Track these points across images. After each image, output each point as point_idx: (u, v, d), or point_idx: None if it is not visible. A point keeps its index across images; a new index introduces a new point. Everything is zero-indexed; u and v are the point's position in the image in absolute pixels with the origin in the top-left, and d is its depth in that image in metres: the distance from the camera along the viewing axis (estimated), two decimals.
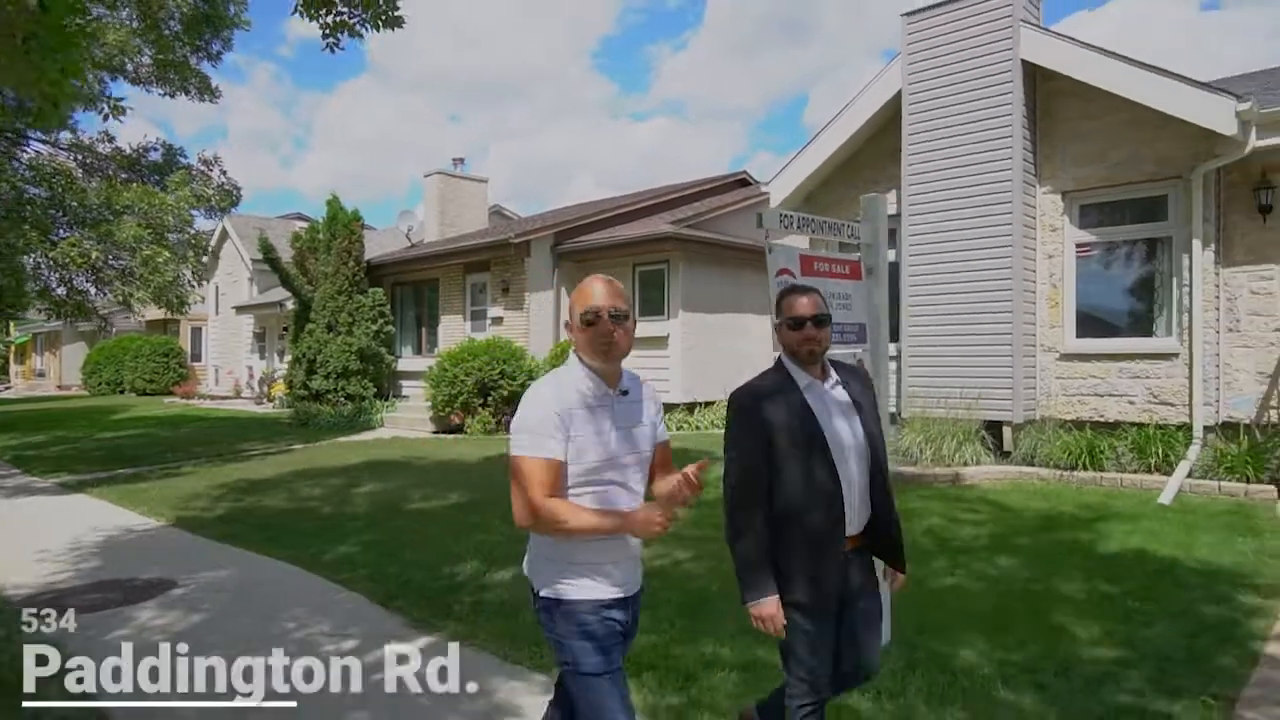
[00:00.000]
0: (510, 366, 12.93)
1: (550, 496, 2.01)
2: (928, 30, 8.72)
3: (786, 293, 2.44)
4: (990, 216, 8.25)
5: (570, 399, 2.06)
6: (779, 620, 2.25)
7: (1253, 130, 7.03)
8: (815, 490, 2.27)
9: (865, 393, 2.46)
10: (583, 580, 2.08)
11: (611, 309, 2.09)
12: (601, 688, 2.05)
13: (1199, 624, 3.90)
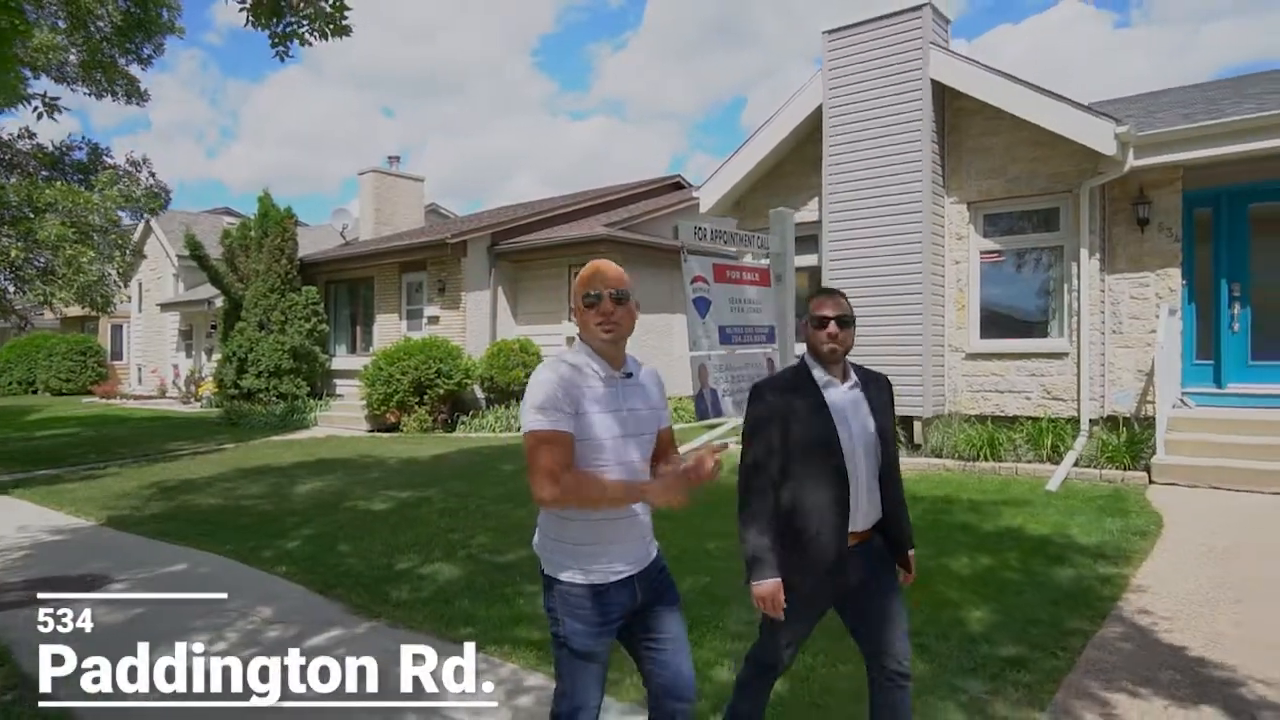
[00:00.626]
0: (447, 365, 13.04)
1: (567, 468, 2.06)
2: (846, 48, 9.25)
3: (815, 294, 2.52)
4: (902, 224, 8.82)
5: (576, 378, 2.13)
6: (778, 600, 2.33)
7: (1130, 151, 7.74)
8: (823, 485, 2.35)
9: (882, 397, 2.53)
10: (582, 563, 2.15)
11: (613, 290, 2.16)
12: (584, 668, 2.17)
13: (1062, 592, 4.42)
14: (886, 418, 2.49)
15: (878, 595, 2.45)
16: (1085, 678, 3.37)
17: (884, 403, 2.52)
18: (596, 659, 2.18)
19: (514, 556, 5.40)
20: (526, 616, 4.25)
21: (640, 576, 2.22)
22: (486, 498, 7.19)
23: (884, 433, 2.45)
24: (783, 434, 2.38)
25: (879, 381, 2.57)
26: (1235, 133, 7.39)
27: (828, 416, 2.38)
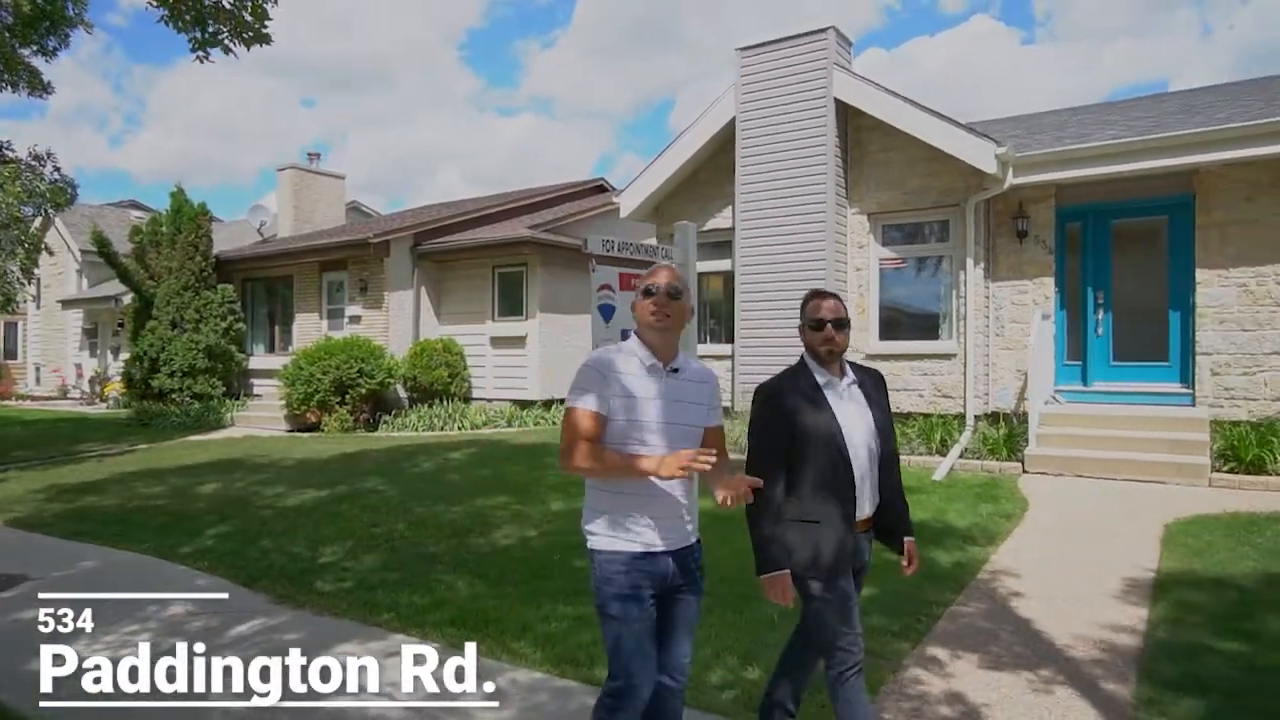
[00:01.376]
0: (369, 365, 13.05)
1: (587, 441, 2.24)
2: (758, 65, 9.78)
3: (810, 297, 2.64)
4: (808, 233, 9.40)
5: (617, 363, 2.31)
6: (788, 593, 2.47)
7: (1010, 169, 8.50)
8: (831, 477, 2.47)
9: (877, 391, 2.66)
10: (617, 533, 2.30)
11: (668, 286, 2.34)
12: (621, 632, 2.29)
13: (933, 570, 4.95)
14: (883, 411, 2.63)
15: (863, 576, 2.65)
16: (935, 644, 3.87)
17: (880, 397, 2.65)
18: (638, 626, 2.28)
19: (435, 548, 5.66)
20: (446, 601, 4.53)
21: (675, 555, 2.34)
22: (408, 493, 7.38)
23: (881, 425, 2.59)
24: (787, 432, 2.49)
25: (874, 378, 2.71)
26: (1098, 156, 8.21)
27: (830, 412, 2.50)
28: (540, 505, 6.83)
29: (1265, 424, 7.55)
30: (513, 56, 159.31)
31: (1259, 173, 7.85)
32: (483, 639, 3.93)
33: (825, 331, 2.53)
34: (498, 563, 5.28)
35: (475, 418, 12.90)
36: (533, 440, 10.92)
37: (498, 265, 14.16)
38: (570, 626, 4.09)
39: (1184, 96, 10.51)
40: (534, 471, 8.37)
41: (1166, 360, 8.54)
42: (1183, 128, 8.02)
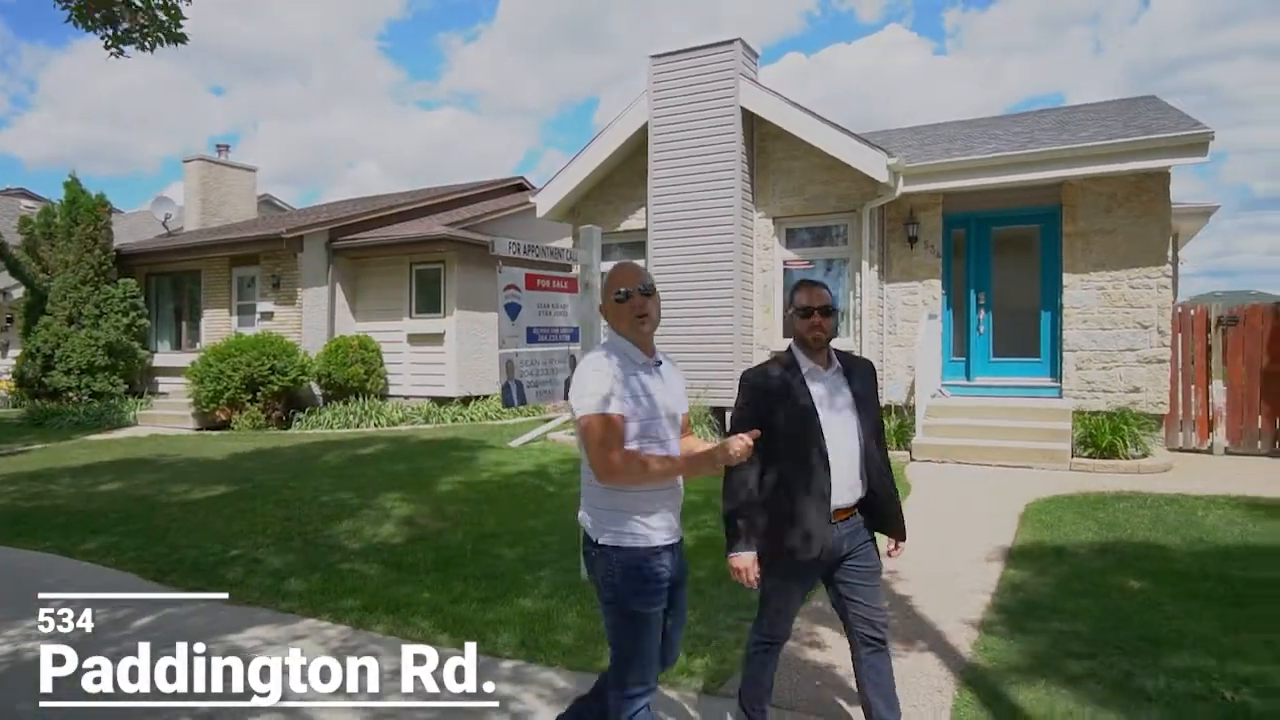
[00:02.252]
0: (282, 362, 12.87)
1: (624, 445, 2.27)
2: (669, 73, 10.15)
3: (798, 286, 2.69)
4: (717, 235, 9.83)
5: (622, 366, 2.35)
6: (752, 573, 2.52)
7: (900, 178, 9.12)
8: (806, 463, 2.50)
9: (865, 381, 2.68)
10: (636, 529, 2.31)
11: (641, 284, 2.38)
12: (642, 631, 2.32)
13: None
14: (868, 400, 2.65)
15: (862, 570, 2.63)
16: (812, 620, 4.28)
17: (867, 387, 2.68)
18: (654, 621, 2.32)
19: (348, 539, 5.79)
20: (357, 589, 4.70)
21: (678, 547, 2.40)
22: (322, 488, 7.44)
23: (864, 414, 2.61)
24: (768, 417, 2.52)
25: (862, 368, 2.73)
26: (978, 168, 8.91)
27: (809, 400, 2.54)
28: (450, 497, 7.01)
29: (1119, 413, 8.37)
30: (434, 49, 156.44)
31: (1116, 187, 8.68)
32: (392, 621, 4.15)
33: (812, 319, 2.58)
34: (410, 552, 5.46)
35: (392, 415, 12.88)
36: (450, 436, 11.02)
37: (415, 262, 14.14)
38: (478, 608, 4.33)
39: (1061, 114, 11.40)
40: (449, 465, 8.53)
41: (1038, 356, 9.34)
42: (1052, 144, 8.79)
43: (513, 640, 3.87)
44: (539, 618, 4.14)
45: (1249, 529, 5.57)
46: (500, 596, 4.51)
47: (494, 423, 12.42)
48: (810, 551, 2.50)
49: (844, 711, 3.15)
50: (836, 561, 2.60)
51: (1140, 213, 8.59)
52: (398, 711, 3.14)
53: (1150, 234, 8.57)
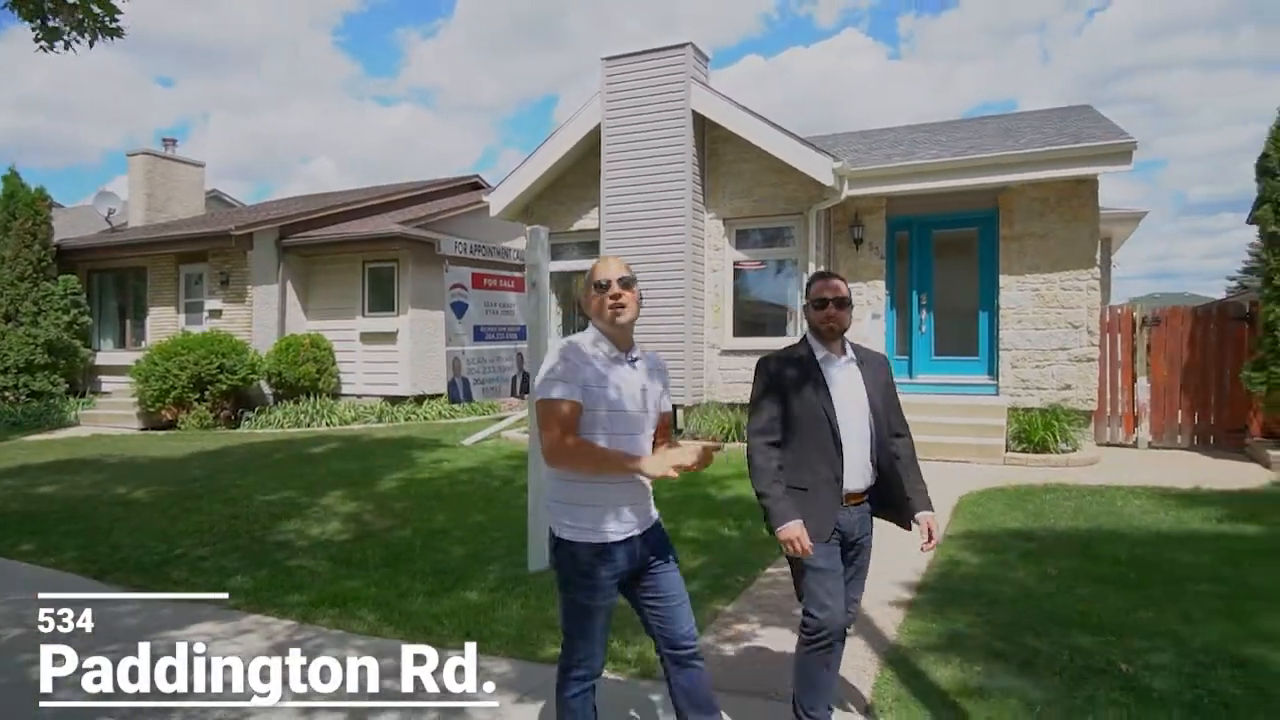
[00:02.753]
0: (231, 360, 12.70)
1: (571, 432, 2.28)
2: (622, 75, 10.28)
3: (815, 278, 2.79)
4: (669, 236, 9.99)
5: (584, 355, 2.36)
6: (805, 540, 2.53)
7: (846, 182, 9.38)
8: (821, 447, 2.60)
9: (878, 371, 2.79)
10: (586, 523, 2.33)
11: (620, 276, 2.40)
12: (588, 622, 2.37)
13: (757, 537, 5.58)
14: (882, 391, 2.74)
15: (860, 554, 2.75)
16: (742, 606, 4.46)
17: (880, 378, 2.77)
18: (600, 613, 2.37)
19: (297, 536, 5.81)
20: (305, 585, 4.74)
21: (641, 537, 2.40)
22: (271, 487, 7.41)
23: (876, 404, 2.70)
24: (783, 402, 2.63)
25: (875, 360, 2.84)
26: (920, 173, 9.22)
27: (824, 387, 2.63)
28: (400, 495, 7.05)
29: (1051, 409, 8.74)
30: (392, 45, 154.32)
31: (1049, 192, 9.06)
32: (338, 615, 4.22)
33: (827, 309, 2.68)
34: (359, 548, 5.51)
35: (345, 414, 12.80)
36: (403, 434, 11.01)
37: (368, 261, 14.06)
38: (425, 601, 4.41)
39: (1002, 121, 11.81)
40: (400, 464, 8.54)
41: (977, 355, 9.69)
42: (990, 150, 9.13)
43: (458, 632, 3.96)
44: (484, 610, 4.24)
45: (1161, 518, 5.91)
46: (447, 590, 4.59)
47: (447, 421, 12.43)
48: (824, 532, 2.57)
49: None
50: (848, 545, 2.68)
51: (1071, 217, 8.98)
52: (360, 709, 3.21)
53: (1080, 238, 8.97)
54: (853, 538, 2.69)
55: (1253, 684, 3.20)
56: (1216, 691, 3.14)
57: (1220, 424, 9.07)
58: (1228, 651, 3.49)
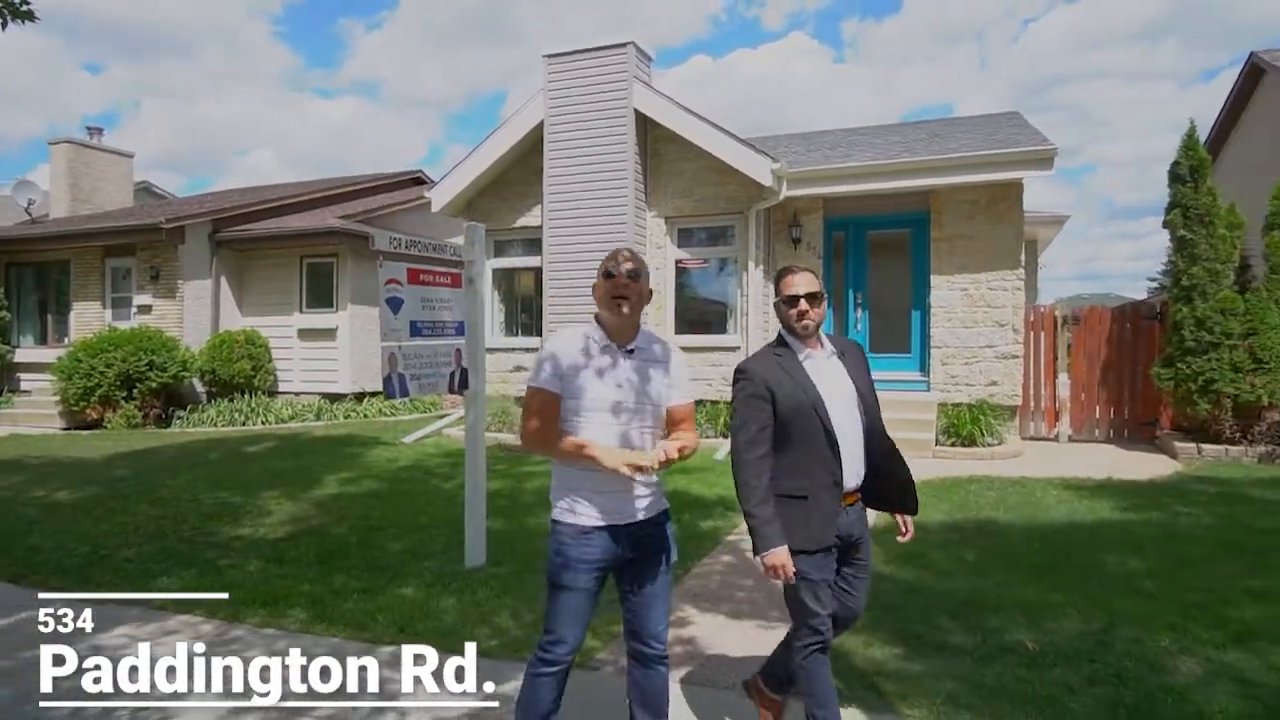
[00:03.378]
0: (161, 357, 12.31)
1: (545, 421, 2.35)
2: (564, 73, 10.29)
3: (782, 274, 2.60)
4: (611, 233, 10.04)
5: (574, 344, 2.39)
6: (789, 568, 2.39)
7: (784, 183, 9.58)
8: (815, 449, 2.45)
9: (858, 363, 2.65)
10: (569, 506, 2.39)
11: (629, 269, 2.41)
12: (561, 601, 2.39)
13: (696, 530, 5.71)
14: (865, 381, 2.61)
15: (862, 561, 2.62)
16: (676, 598, 4.56)
17: (861, 368, 2.63)
18: (573, 594, 2.37)
19: (227, 536, 5.70)
20: (234, 584, 4.67)
21: (623, 530, 2.39)
22: (201, 487, 7.24)
23: (864, 393, 2.57)
24: (771, 407, 2.46)
25: (852, 348, 2.70)
26: (854, 175, 9.47)
27: (811, 385, 2.48)
28: (337, 492, 6.97)
29: (979, 405, 9.09)
30: (334, 36, 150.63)
31: (977, 195, 9.40)
32: (268, 614, 4.17)
33: (799, 306, 2.51)
34: (293, 546, 5.43)
35: (282, 412, 12.53)
36: (342, 433, 10.85)
37: (307, 256, 13.78)
38: (359, 598, 4.39)
39: (934, 126, 12.18)
40: (339, 462, 8.43)
41: (909, 352, 10.00)
42: (921, 154, 9.43)
43: (391, 627, 3.96)
44: (418, 605, 4.24)
45: (1075, 507, 6.22)
46: (383, 587, 4.57)
47: (388, 419, 12.28)
48: (827, 539, 2.46)
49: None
50: (847, 548, 2.56)
51: (997, 220, 9.34)
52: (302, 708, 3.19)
53: (1006, 239, 9.33)
54: (853, 538, 2.57)
55: (1145, 657, 3.43)
56: (1113, 665, 3.35)
57: (1134, 418, 9.56)
58: (1125, 629, 3.73)
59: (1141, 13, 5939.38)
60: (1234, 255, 8.42)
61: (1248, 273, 8.56)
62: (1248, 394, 7.93)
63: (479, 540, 4.96)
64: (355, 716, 3.14)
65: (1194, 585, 4.34)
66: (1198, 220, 8.40)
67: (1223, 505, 6.20)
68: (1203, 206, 8.40)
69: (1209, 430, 8.33)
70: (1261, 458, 7.92)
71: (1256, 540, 5.18)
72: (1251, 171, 11.89)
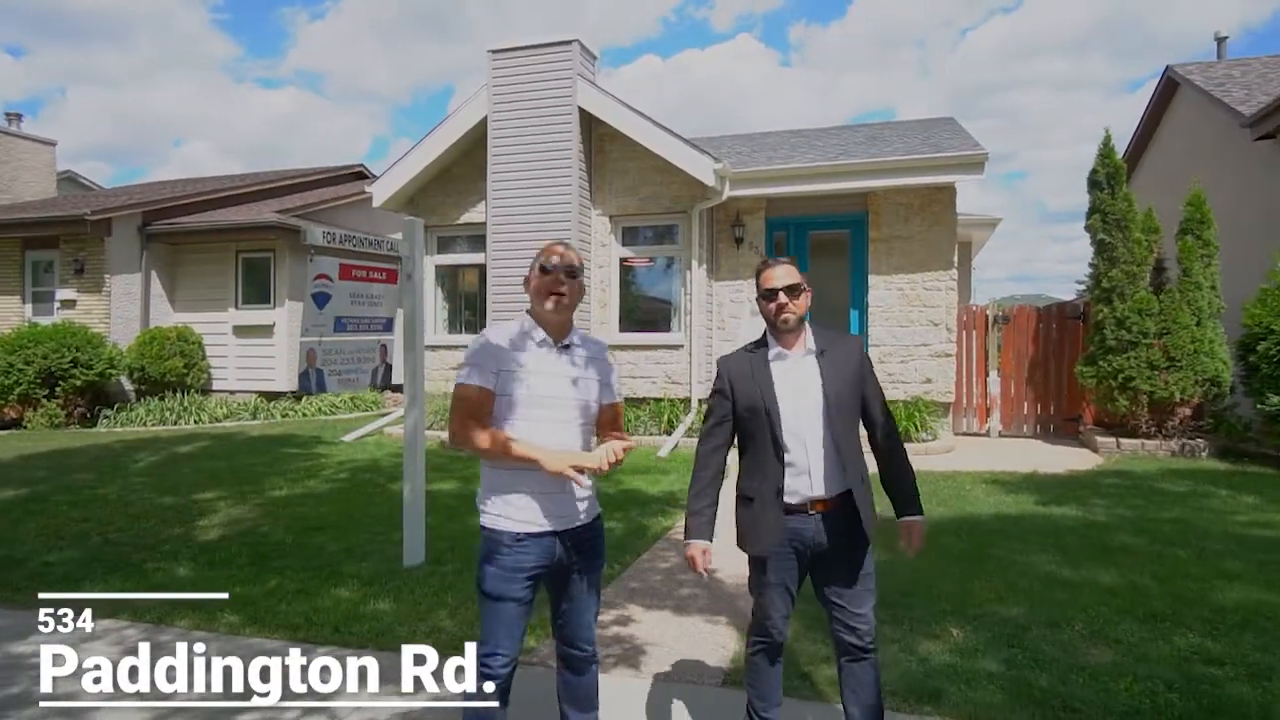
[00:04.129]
0: (85, 354, 11.82)
1: (474, 418, 2.24)
2: (508, 69, 10.23)
3: (760, 267, 2.50)
4: (555, 230, 10.01)
5: (507, 339, 2.31)
6: (700, 562, 2.40)
7: (727, 183, 9.70)
8: (762, 452, 2.39)
9: (845, 362, 2.45)
10: (504, 510, 2.28)
11: (566, 265, 2.35)
12: (496, 612, 2.27)
13: (637, 526, 5.76)
14: (848, 379, 2.43)
15: (844, 570, 2.44)
16: (617, 594, 4.60)
17: (846, 367, 2.44)
18: (509, 604, 2.26)
19: (155, 538, 5.54)
20: (161, 586, 4.55)
21: (565, 534, 2.31)
22: (129, 487, 7.01)
23: (835, 397, 2.38)
24: (730, 405, 2.44)
25: (844, 346, 2.50)
26: (795, 176, 9.64)
27: (768, 386, 2.38)
28: (274, 493, 6.83)
29: (914, 401, 9.36)
30: (276, 25, 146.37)
31: (912, 198, 9.67)
32: (198, 617, 4.07)
33: (777, 300, 2.41)
34: (225, 548, 5.31)
35: (216, 410, 12.16)
36: (279, 431, 10.59)
37: (243, 250, 13.40)
38: (294, 599, 4.32)
39: (873, 130, 12.47)
40: (276, 462, 8.25)
41: None
42: (860, 157, 9.65)
43: (327, 628, 3.91)
44: (354, 606, 4.20)
45: (1002, 499, 6.47)
46: (319, 588, 4.51)
47: (327, 418, 12.02)
48: (765, 546, 2.39)
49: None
50: (820, 557, 2.44)
51: (932, 222, 9.62)
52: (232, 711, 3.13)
53: (940, 241, 9.62)
54: (821, 549, 2.41)
55: (1060, 640, 3.60)
56: (1031, 649, 3.52)
57: (1059, 414, 9.97)
58: (1044, 615, 3.91)
59: (1072, 25, 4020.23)
60: (1150, 258, 8.84)
61: (1163, 275, 9.00)
62: (1162, 391, 8.35)
63: (418, 539, 4.93)
64: (286, 717, 3.08)
65: (1106, 573, 4.57)
66: (1115, 225, 8.81)
67: (1135, 497, 6.53)
68: (1119, 212, 8.80)
69: (1127, 425, 8.74)
70: (1174, 451, 8.35)
71: (1164, 530, 5.48)
72: (1167, 179, 12.49)
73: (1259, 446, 8.21)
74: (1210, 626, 3.75)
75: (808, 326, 2.50)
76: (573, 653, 2.45)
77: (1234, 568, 4.66)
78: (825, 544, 2.41)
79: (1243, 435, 8.40)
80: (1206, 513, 5.98)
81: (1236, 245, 9.50)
